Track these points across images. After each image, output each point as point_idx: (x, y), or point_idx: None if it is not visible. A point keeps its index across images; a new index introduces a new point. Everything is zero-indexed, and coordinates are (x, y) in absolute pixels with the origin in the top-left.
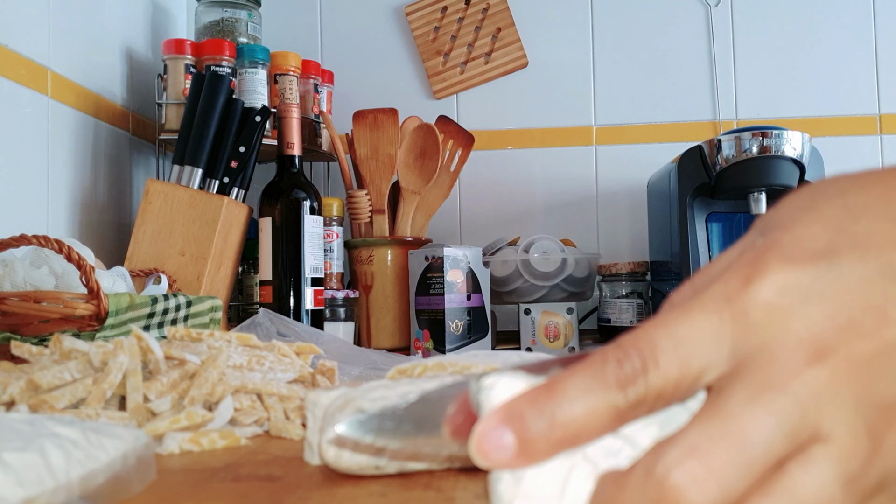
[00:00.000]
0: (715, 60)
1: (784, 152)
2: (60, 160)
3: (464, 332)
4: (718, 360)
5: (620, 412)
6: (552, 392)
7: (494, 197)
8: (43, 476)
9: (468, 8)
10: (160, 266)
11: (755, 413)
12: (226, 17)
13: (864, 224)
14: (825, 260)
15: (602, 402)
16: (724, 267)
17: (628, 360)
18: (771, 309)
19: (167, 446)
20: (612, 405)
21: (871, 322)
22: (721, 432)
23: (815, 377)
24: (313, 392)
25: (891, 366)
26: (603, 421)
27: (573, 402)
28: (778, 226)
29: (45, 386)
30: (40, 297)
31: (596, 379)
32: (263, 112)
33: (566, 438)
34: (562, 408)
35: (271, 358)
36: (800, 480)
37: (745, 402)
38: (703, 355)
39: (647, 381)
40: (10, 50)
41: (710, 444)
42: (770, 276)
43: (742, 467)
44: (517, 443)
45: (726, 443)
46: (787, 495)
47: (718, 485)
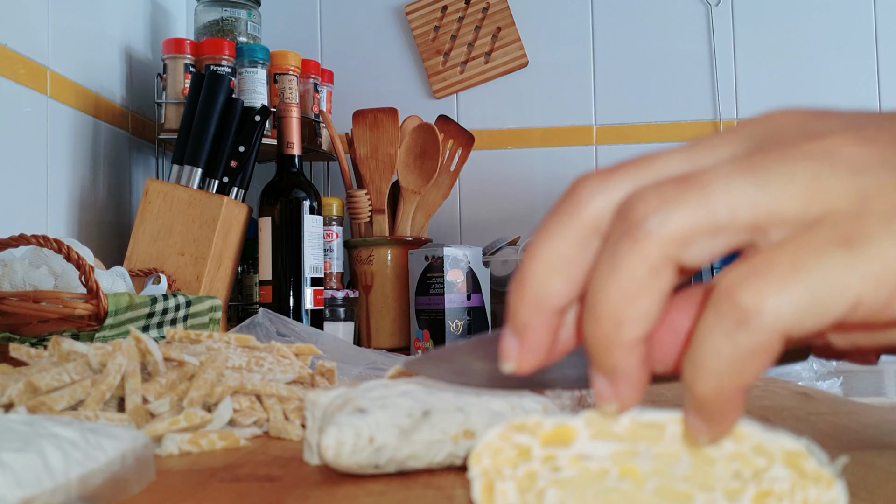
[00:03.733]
0: (715, 60)
1: None
2: (60, 160)
3: (464, 332)
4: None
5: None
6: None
7: (494, 197)
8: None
9: (468, 7)
10: (160, 266)
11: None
12: (225, 17)
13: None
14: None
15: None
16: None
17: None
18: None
19: (166, 447)
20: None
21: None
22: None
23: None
24: (312, 392)
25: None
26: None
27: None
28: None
29: (44, 388)
30: (39, 296)
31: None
32: (263, 111)
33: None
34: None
35: (270, 359)
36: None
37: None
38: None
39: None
40: (10, 49)
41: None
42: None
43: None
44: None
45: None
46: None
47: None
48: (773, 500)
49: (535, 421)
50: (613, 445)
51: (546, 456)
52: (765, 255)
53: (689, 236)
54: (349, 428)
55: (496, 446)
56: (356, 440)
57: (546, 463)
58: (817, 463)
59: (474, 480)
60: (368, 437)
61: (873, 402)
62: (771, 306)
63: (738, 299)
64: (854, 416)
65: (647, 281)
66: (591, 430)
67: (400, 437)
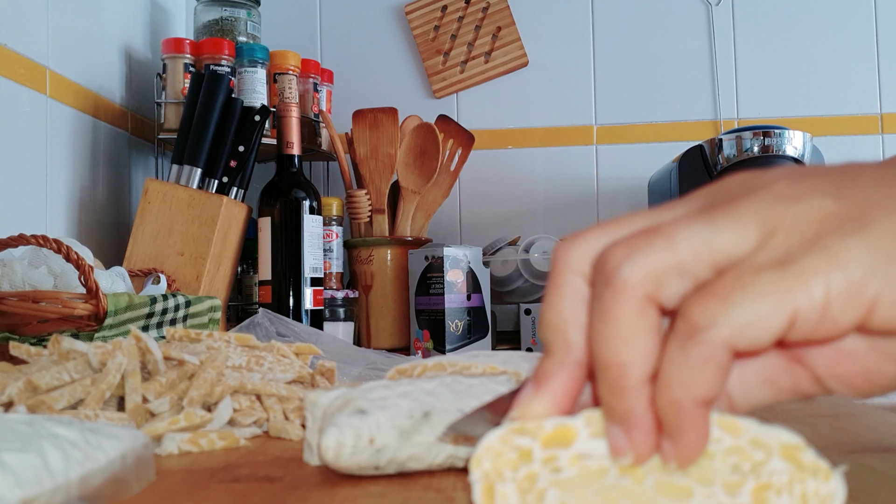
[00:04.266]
0: (716, 59)
1: (785, 152)
2: (59, 160)
3: (464, 332)
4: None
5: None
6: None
7: (494, 197)
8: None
9: (468, 7)
10: (159, 266)
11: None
12: (225, 16)
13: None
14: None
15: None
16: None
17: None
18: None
19: (166, 447)
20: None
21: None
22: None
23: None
24: (312, 392)
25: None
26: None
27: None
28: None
29: (44, 387)
30: (39, 296)
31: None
32: (263, 111)
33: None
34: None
35: (270, 358)
36: None
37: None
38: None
39: None
40: (9, 49)
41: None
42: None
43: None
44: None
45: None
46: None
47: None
48: (773, 493)
49: (535, 423)
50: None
51: (547, 457)
52: (714, 280)
53: (661, 277)
54: (349, 429)
55: (497, 449)
56: (356, 441)
57: (547, 464)
58: (815, 455)
59: (475, 484)
60: (369, 438)
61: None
62: (714, 320)
63: (689, 316)
64: (855, 418)
65: (637, 321)
66: (591, 428)
67: (400, 438)
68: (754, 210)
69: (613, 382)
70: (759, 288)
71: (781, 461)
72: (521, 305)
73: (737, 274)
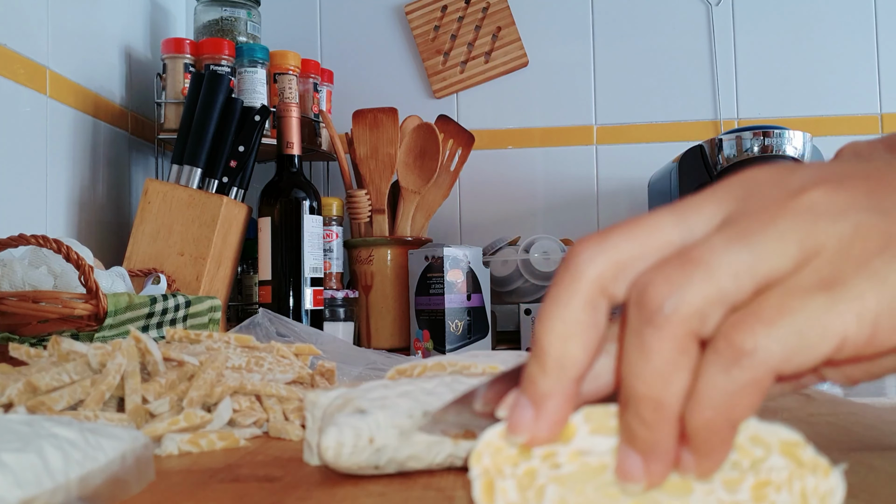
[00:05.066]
0: (716, 60)
1: (785, 152)
2: (59, 160)
3: (464, 332)
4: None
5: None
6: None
7: (494, 197)
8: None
9: (468, 7)
10: (159, 266)
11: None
12: (225, 16)
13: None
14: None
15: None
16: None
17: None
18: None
19: (166, 447)
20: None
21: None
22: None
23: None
24: (312, 392)
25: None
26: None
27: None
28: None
29: (44, 387)
30: (39, 296)
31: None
32: (263, 111)
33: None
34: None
35: (270, 359)
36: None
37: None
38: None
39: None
40: (9, 49)
41: None
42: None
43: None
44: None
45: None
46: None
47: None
48: (772, 489)
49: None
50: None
51: (546, 453)
52: (757, 301)
53: (704, 311)
54: (349, 428)
55: (497, 445)
56: (356, 441)
57: (546, 460)
58: (814, 452)
59: (475, 480)
60: (368, 438)
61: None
62: (762, 346)
63: (734, 339)
64: (854, 416)
65: (678, 359)
66: (591, 425)
67: (400, 438)
68: (795, 229)
69: (647, 416)
70: (808, 313)
71: (781, 458)
72: (521, 305)
73: (782, 296)
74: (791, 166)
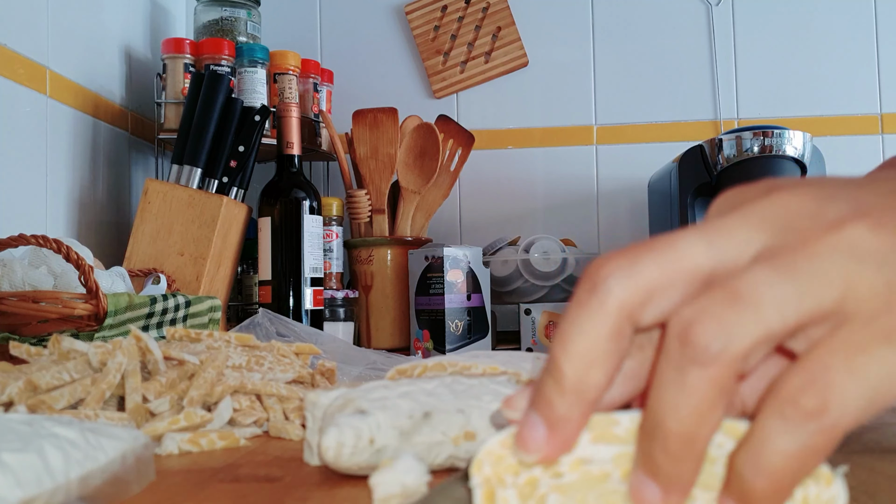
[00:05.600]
0: (716, 59)
1: (785, 152)
2: (59, 160)
3: (464, 332)
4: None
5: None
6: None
7: (494, 197)
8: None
9: (468, 7)
10: (159, 266)
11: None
12: (225, 16)
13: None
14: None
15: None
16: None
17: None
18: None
19: (166, 447)
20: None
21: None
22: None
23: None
24: (313, 392)
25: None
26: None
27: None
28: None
29: (44, 386)
30: (39, 296)
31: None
32: (263, 111)
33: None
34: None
35: (270, 358)
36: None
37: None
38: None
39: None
40: (9, 49)
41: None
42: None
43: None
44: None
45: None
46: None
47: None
48: None
49: None
50: (615, 448)
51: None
52: (818, 360)
53: (751, 352)
54: (349, 429)
55: (498, 454)
56: (356, 441)
57: (547, 469)
58: None
59: (476, 489)
60: (369, 439)
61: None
62: (837, 406)
63: (804, 403)
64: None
65: (719, 397)
66: (593, 433)
67: (400, 439)
68: (838, 268)
69: (676, 451)
70: (877, 367)
71: None
72: (521, 305)
73: (845, 349)
74: (825, 191)
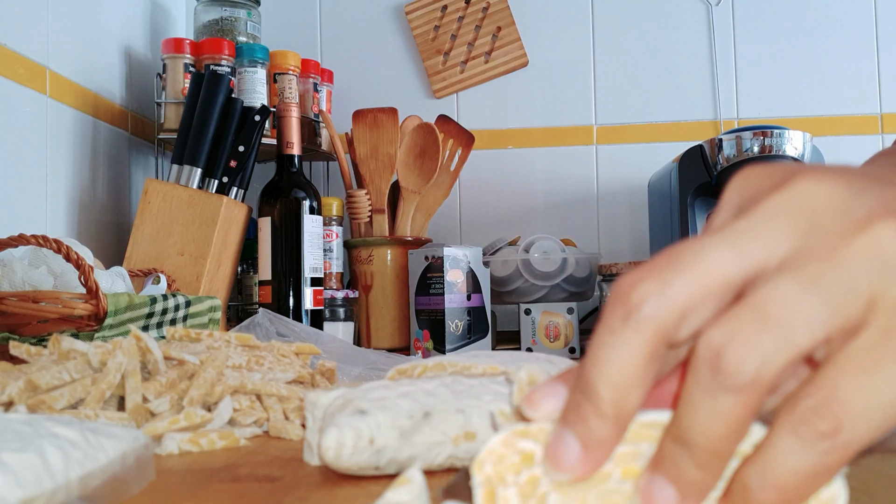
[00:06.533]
0: (716, 60)
1: (785, 152)
2: (59, 160)
3: (464, 332)
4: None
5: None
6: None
7: (494, 197)
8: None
9: (468, 7)
10: (159, 266)
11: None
12: (225, 16)
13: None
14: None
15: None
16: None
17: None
18: None
19: (166, 447)
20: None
21: None
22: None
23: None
24: (313, 392)
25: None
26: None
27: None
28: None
29: (44, 386)
30: (39, 296)
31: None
32: (263, 111)
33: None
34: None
35: (270, 358)
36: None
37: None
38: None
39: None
40: (9, 49)
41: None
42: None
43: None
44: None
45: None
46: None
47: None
48: None
49: (538, 426)
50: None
51: None
52: (832, 379)
53: (784, 371)
54: (350, 429)
55: (499, 453)
56: (357, 441)
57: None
58: None
59: (477, 488)
60: (369, 439)
61: None
62: (850, 426)
63: (817, 424)
64: None
65: (751, 418)
66: None
67: (400, 439)
68: (866, 279)
69: (703, 463)
70: (886, 389)
71: None
72: (521, 305)
73: (853, 366)
74: (849, 183)
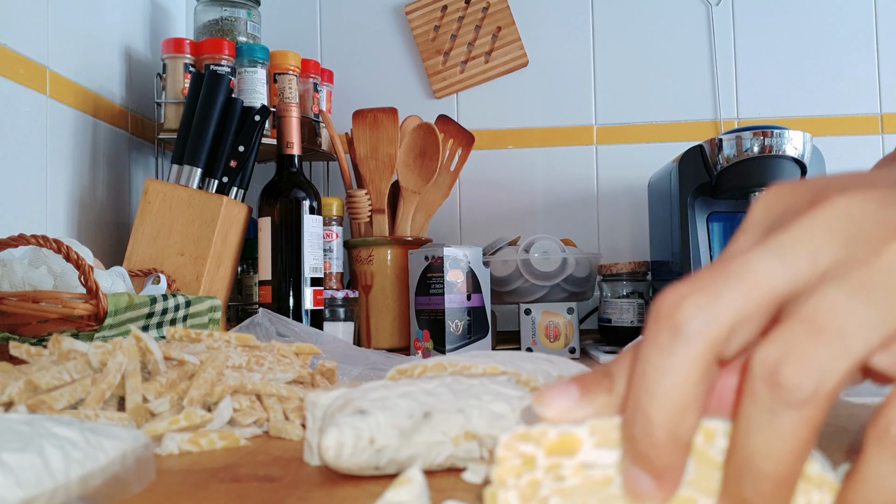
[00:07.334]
0: (716, 60)
1: (785, 152)
2: (59, 160)
3: (464, 332)
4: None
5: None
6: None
7: (494, 197)
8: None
9: (468, 7)
10: (159, 266)
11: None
12: (225, 16)
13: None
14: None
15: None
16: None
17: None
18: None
19: (166, 447)
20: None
21: None
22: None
23: None
24: (313, 392)
25: None
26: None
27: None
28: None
29: (44, 386)
30: (39, 296)
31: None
32: (263, 111)
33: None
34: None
35: (270, 358)
36: None
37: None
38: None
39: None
40: (9, 49)
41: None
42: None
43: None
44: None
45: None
46: None
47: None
48: None
49: (539, 430)
50: (617, 453)
51: (550, 465)
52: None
53: (844, 381)
54: (350, 429)
55: (501, 456)
56: (357, 441)
57: (550, 472)
58: (820, 467)
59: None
60: (369, 439)
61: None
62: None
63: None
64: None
65: (815, 435)
66: (596, 437)
67: (400, 439)
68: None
69: (769, 491)
70: None
71: None
72: (521, 305)
73: None
74: (881, 193)
